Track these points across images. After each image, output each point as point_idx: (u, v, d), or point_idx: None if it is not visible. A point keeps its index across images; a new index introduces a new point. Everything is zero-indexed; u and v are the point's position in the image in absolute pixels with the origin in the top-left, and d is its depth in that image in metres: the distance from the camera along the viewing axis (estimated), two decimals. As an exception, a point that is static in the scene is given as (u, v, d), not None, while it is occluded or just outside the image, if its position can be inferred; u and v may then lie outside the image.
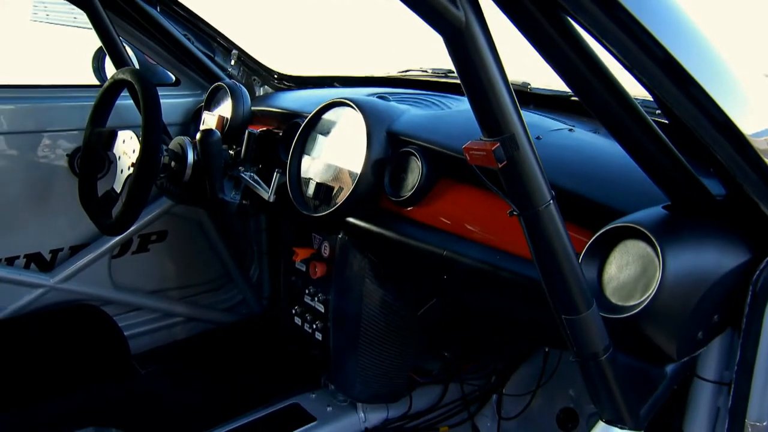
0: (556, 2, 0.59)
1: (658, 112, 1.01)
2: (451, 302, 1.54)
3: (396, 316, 1.48)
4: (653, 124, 0.76)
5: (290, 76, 2.13)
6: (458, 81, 1.81)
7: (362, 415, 1.58)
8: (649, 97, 0.78)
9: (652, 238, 0.82)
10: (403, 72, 1.97)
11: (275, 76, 2.13)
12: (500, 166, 0.65)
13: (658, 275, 0.81)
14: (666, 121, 0.83)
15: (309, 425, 1.51)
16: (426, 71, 1.91)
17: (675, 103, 0.70)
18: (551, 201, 0.69)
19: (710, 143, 0.75)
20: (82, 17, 1.73)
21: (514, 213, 0.70)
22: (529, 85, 1.63)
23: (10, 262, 1.77)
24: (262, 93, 2.13)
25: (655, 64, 0.65)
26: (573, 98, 1.52)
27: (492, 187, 0.71)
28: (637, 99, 0.74)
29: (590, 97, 0.72)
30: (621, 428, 0.87)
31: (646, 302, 0.82)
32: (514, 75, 1.70)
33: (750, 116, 0.80)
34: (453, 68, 1.95)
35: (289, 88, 2.11)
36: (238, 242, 2.27)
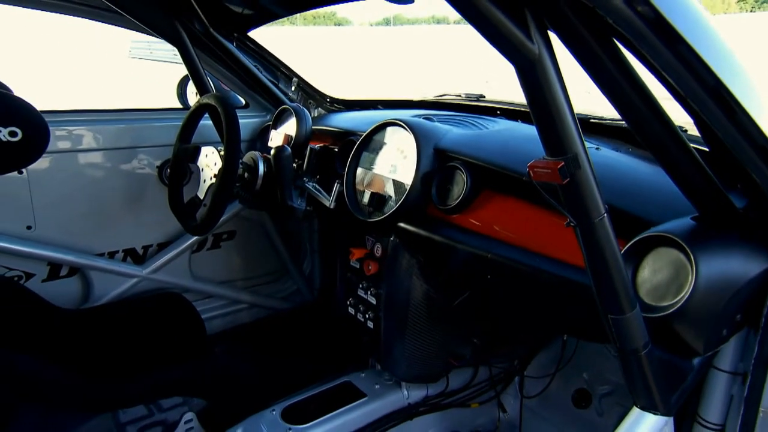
0: (624, 36, 0.57)
1: (685, 130, 0.97)
2: (482, 295, 1.52)
3: (437, 307, 1.46)
4: (691, 147, 0.73)
5: (340, 100, 2.13)
6: (488, 104, 1.79)
7: (406, 392, 1.56)
8: (684, 124, 0.76)
9: (685, 247, 0.80)
10: (439, 96, 1.95)
11: (328, 99, 2.13)
12: (564, 182, 0.62)
13: (691, 280, 0.79)
14: (705, 149, 0.80)
15: (360, 400, 1.49)
16: (459, 95, 1.88)
17: (720, 127, 0.67)
18: (605, 214, 0.66)
19: (748, 164, 0.72)
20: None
21: (572, 224, 0.68)
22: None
23: (111, 255, 1.81)
24: (316, 114, 2.13)
25: (705, 91, 0.63)
26: (592, 120, 1.49)
27: (551, 201, 0.68)
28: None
29: (638, 123, 0.70)
30: (654, 414, 0.84)
31: (680, 303, 0.79)
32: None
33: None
34: (483, 93, 1.92)
35: (340, 110, 2.11)
36: (294, 241, 2.28)
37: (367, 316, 1.53)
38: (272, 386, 1.64)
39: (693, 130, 0.85)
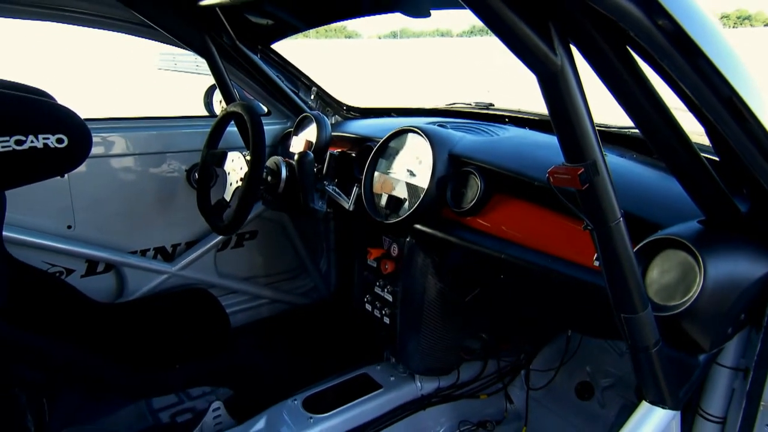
0: (642, 49, 0.56)
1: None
2: (491, 292, 1.52)
3: (449, 304, 1.46)
4: (701, 155, 0.73)
5: (356, 108, 2.13)
6: (498, 112, 1.77)
7: (419, 384, 1.56)
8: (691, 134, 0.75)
9: (693, 249, 0.79)
10: (450, 104, 1.94)
11: (344, 107, 2.13)
12: (583, 188, 0.62)
13: (699, 281, 0.78)
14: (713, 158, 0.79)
15: (377, 391, 1.50)
16: (470, 104, 1.88)
17: (732, 135, 0.66)
18: (621, 218, 0.66)
19: (757, 170, 0.71)
20: (203, 65, 1.77)
21: (588, 228, 0.67)
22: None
23: (143, 253, 1.82)
24: (333, 121, 2.14)
25: (719, 101, 0.62)
26: (597, 128, 1.47)
27: (568, 205, 0.68)
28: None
29: (652, 132, 0.69)
30: (662, 408, 0.84)
31: (689, 303, 0.78)
32: (543, 109, 1.67)
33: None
34: (492, 102, 1.91)
35: (355, 117, 2.11)
36: (311, 240, 2.28)
37: (383, 312, 1.53)
38: (293, 377, 1.65)
39: (697, 139, 0.85)
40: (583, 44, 0.58)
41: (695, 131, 0.78)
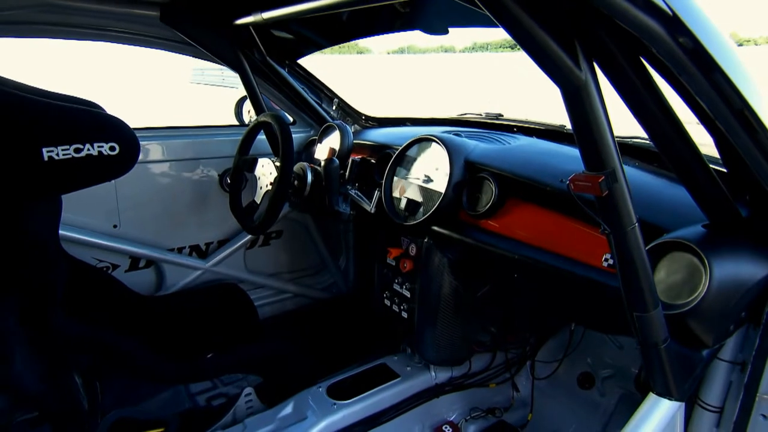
0: (660, 65, 0.56)
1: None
2: (500, 288, 1.51)
3: (463, 300, 1.45)
4: (709, 166, 0.72)
5: (373, 117, 2.14)
6: (506, 122, 1.76)
7: (434, 374, 1.56)
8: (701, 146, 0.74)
9: (699, 252, 0.78)
10: (461, 114, 1.94)
11: (363, 117, 2.13)
12: (603, 194, 0.62)
13: (705, 281, 0.77)
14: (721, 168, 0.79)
15: (395, 380, 1.50)
16: (480, 114, 1.87)
17: (742, 145, 0.65)
18: (636, 223, 0.66)
19: (764, 178, 0.70)
20: (228, 79, 1.78)
21: (606, 232, 0.67)
22: (565, 126, 1.58)
23: (180, 251, 1.84)
24: (353, 130, 2.14)
25: (732, 113, 0.61)
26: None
27: (586, 210, 0.68)
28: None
29: (665, 144, 0.69)
30: (669, 399, 0.83)
31: (695, 302, 0.78)
32: (552, 119, 1.66)
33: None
34: (501, 113, 1.90)
35: (373, 126, 2.11)
36: (332, 240, 2.29)
37: (401, 307, 1.53)
38: (317, 366, 1.66)
39: (704, 150, 0.84)
40: (606, 62, 0.58)
41: (701, 143, 0.78)
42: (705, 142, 0.77)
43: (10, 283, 0.97)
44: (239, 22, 1.43)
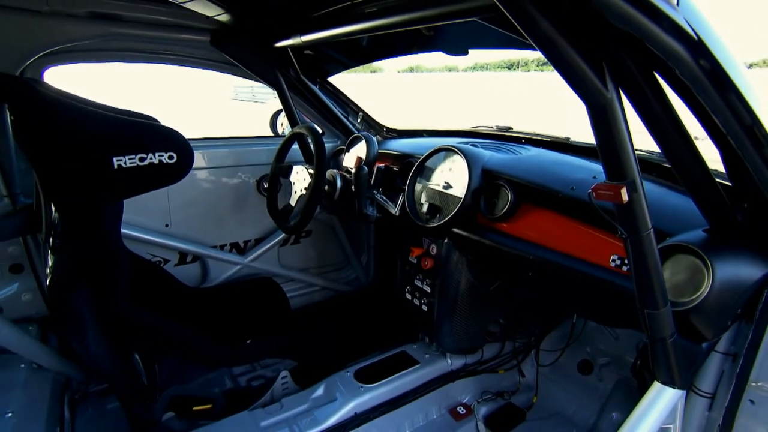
0: (679, 84, 0.57)
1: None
2: (509, 284, 1.52)
3: (478, 294, 1.47)
4: (715, 179, 0.73)
5: (394, 129, 2.15)
6: (515, 134, 1.76)
7: (449, 361, 1.57)
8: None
9: (702, 255, 0.79)
10: (474, 127, 1.95)
11: (384, 129, 2.15)
12: (624, 202, 0.63)
13: (708, 281, 0.78)
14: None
15: (414, 366, 1.51)
16: (492, 127, 1.88)
17: (750, 159, 0.66)
18: (651, 229, 0.66)
19: (767, 190, 0.70)
20: (257, 95, 1.79)
21: (623, 236, 0.68)
22: (570, 138, 1.58)
23: (222, 247, 1.87)
24: (376, 141, 2.15)
25: (742, 129, 0.62)
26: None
27: (606, 217, 0.68)
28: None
29: (677, 159, 0.69)
30: (672, 388, 0.84)
31: (697, 301, 0.78)
32: (558, 132, 1.66)
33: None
34: (510, 125, 1.89)
35: (394, 137, 2.12)
36: (355, 239, 2.30)
37: (422, 301, 1.54)
38: (345, 352, 1.67)
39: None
40: (628, 82, 0.59)
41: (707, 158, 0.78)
42: (710, 158, 0.78)
43: (85, 276, 1.01)
44: (280, 44, 1.46)
